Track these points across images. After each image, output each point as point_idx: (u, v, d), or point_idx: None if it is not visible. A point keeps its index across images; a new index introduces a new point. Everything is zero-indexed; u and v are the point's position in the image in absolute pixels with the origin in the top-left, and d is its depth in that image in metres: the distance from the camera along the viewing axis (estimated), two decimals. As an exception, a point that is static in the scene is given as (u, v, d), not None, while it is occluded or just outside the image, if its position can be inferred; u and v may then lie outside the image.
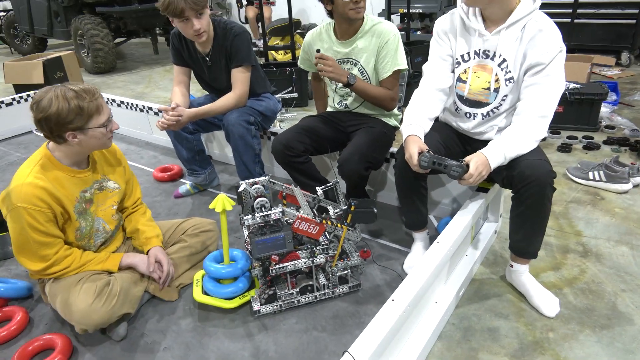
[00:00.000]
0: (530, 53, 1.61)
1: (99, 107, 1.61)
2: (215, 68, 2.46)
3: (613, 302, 1.75)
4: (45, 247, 1.63)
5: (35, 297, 1.98)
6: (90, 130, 1.60)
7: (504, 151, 1.61)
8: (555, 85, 1.61)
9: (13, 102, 4.13)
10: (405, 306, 1.37)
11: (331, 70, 2.07)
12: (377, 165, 2.19)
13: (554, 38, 1.58)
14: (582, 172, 2.66)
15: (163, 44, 7.86)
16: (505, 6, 1.62)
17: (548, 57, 1.57)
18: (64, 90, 1.54)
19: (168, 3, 2.11)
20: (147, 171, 3.21)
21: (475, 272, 1.96)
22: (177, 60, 2.52)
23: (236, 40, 2.35)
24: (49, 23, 7.00)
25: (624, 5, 4.78)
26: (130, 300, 1.74)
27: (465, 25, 1.74)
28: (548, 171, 1.58)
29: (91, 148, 1.69)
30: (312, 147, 2.25)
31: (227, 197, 1.70)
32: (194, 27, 2.19)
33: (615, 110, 3.66)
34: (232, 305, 1.80)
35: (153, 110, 3.57)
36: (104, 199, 1.82)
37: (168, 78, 6.10)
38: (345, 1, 1.99)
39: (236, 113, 2.36)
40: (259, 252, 1.70)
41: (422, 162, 1.64)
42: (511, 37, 1.64)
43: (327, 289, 1.83)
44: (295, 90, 4.21)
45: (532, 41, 1.60)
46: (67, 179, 1.67)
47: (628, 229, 2.20)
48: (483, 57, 1.72)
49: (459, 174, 1.59)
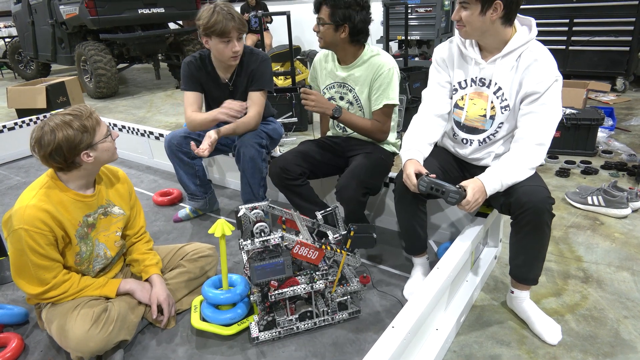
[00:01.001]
0: (525, 82, 1.64)
1: (97, 119, 1.66)
2: (236, 92, 2.48)
3: (616, 329, 1.73)
4: (44, 271, 1.62)
5: (31, 323, 1.96)
6: (99, 144, 1.63)
7: (501, 178, 1.62)
8: (552, 114, 1.63)
9: (15, 127, 4.16)
10: (406, 333, 1.35)
11: (314, 104, 2.13)
12: (375, 190, 2.20)
13: (549, 67, 1.61)
14: (581, 197, 2.67)
15: (165, 70, 7.97)
16: (500, 36, 1.65)
17: (543, 86, 1.60)
18: (58, 118, 1.57)
19: (214, 22, 2.17)
20: (147, 195, 3.22)
21: (476, 298, 1.95)
22: (191, 86, 2.47)
23: (262, 65, 2.41)
24: (53, 49, 7.13)
25: (618, 32, 4.88)
26: (127, 327, 1.71)
27: (463, 54, 1.78)
28: (545, 197, 1.59)
29: (103, 163, 1.71)
30: (309, 171, 2.27)
31: (226, 221, 1.70)
32: (234, 49, 2.24)
33: (612, 135, 3.69)
34: (231, 332, 1.78)
35: (154, 134, 3.60)
36: (107, 225, 1.81)
37: (169, 103, 6.17)
38: None
39: (250, 135, 2.40)
40: (257, 277, 1.68)
41: (421, 186, 1.65)
42: (506, 66, 1.67)
43: (326, 315, 1.81)
44: (295, 115, 4.26)
45: (527, 70, 1.63)
46: (72, 202, 1.67)
47: (628, 255, 2.20)
48: (479, 84, 1.75)
49: (456, 200, 1.60)
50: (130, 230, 1.96)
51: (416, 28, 6.13)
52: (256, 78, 2.41)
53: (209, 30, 2.20)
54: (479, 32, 1.65)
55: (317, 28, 2.11)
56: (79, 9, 6.12)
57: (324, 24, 2.08)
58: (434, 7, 5.95)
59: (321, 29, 2.10)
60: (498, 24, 1.61)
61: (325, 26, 2.08)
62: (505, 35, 1.65)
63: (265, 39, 6.67)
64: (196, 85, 2.47)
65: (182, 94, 2.61)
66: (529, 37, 1.64)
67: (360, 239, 1.75)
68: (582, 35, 5.08)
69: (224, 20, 2.16)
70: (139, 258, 1.92)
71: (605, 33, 4.95)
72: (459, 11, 1.65)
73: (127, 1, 6.38)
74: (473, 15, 1.60)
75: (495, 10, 1.57)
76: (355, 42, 2.13)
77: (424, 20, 6.08)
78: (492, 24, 1.61)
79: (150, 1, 6.56)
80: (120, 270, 1.96)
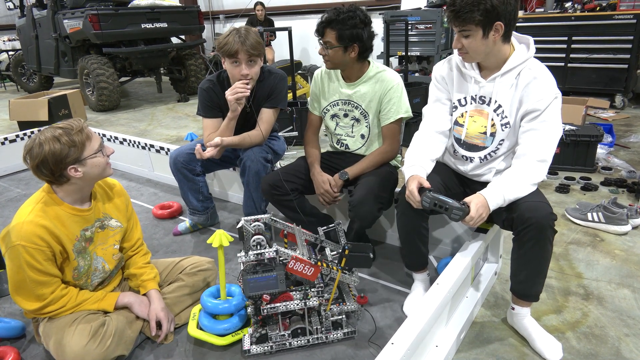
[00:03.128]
0: (525, 100, 1.65)
1: (88, 134, 1.64)
2: (252, 113, 2.46)
3: (617, 348, 1.72)
4: (42, 286, 1.61)
5: (28, 337, 1.94)
6: (89, 159, 1.61)
7: (503, 193, 1.62)
8: (553, 131, 1.64)
9: (17, 139, 4.18)
10: (405, 350, 1.34)
11: (328, 194, 2.19)
12: (388, 205, 2.20)
13: (549, 85, 1.63)
14: (581, 213, 2.67)
15: (167, 83, 8.03)
16: (500, 55, 1.67)
17: (543, 103, 1.61)
18: (49, 131, 1.58)
19: (225, 42, 2.20)
20: (147, 208, 3.22)
21: (476, 315, 1.93)
22: (209, 113, 2.46)
23: (280, 83, 2.44)
24: (56, 62, 7.19)
25: (616, 50, 4.93)
26: (124, 341, 1.70)
27: (462, 72, 1.79)
28: (548, 213, 1.59)
29: (93, 178, 1.68)
30: (302, 187, 2.28)
31: (225, 233, 1.70)
32: (242, 72, 2.24)
33: (611, 152, 3.70)
34: (224, 342, 1.77)
35: (155, 147, 3.61)
36: (105, 238, 1.81)
37: (170, 116, 6.20)
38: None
39: (256, 149, 2.41)
40: (250, 290, 1.68)
41: (424, 202, 1.64)
42: (506, 84, 1.68)
43: (320, 334, 1.79)
44: (296, 129, 4.28)
45: (526, 88, 1.65)
46: (69, 217, 1.67)
47: (629, 272, 2.19)
48: (479, 102, 1.76)
49: (460, 217, 1.60)
50: (127, 242, 1.95)
51: (416, 44, 6.20)
52: (272, 95, 2.43)
53: (220, 50, 2.24)
54: (483, 55, 1.67)
55: (323, 51, 2.11)
56: (83, 23, 6.19)
57: (331, 47, 2.08)
58: (434, 24, 6.02)
59: (329, 53, 2.09)
60: (499, 43, 1.63)
61: (333, 49, 2.08)
62: (504, 53, 1.67)
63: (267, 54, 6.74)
64: (215, 112, 2.47)
65: (183, 107, 2.63)
66: (528, 55, 1.66)
67: (355, 258, 1.73)
68: (581, 53, 5.13)
69: (233, 42, 2.18)
70: (136, 272, 1.91)
71: (604, 51, 5.00)
72: (459, 40, 1.65)
73: (131, 16, 6.45)
74: (475, 40, 1.61)
75: (497, 32, 1.59)
76: (363, 59, 2.15)
77: (424, 37, 6.15)
78: (494, 45, 1.63)
79: (154, 16, 6.63)
80: (119, 284, 1.95)
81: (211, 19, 10.03)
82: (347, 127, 2.31)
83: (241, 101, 2.28)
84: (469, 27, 1.59)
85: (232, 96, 2.24)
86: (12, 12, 9.84)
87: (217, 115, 2.47)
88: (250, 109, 2.44)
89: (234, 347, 1.80)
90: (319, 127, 2.45)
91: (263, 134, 2.42)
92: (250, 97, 2.40)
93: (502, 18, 1.57)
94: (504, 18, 1.57)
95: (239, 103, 2.28)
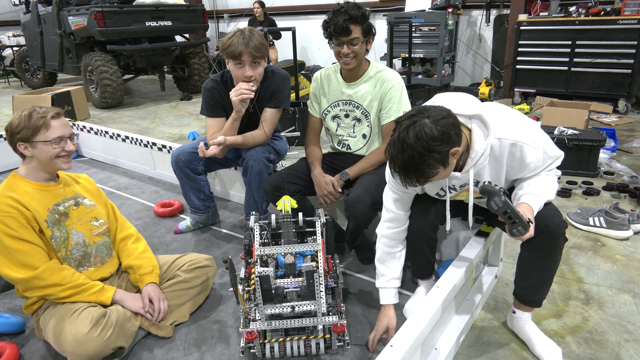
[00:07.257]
0: (512, 173, 1.58)
1: (47, 123, 1.71)
2: (255, 113, 2.46)
3: (617, 353, 1.71)
4: (24, 255, 1.65)
5: (27, 333, 1.94)
6: (39, 144, 1.70)
7: (541, 200, 1.56)
8: (551, 174, 1.61)
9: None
10: (404, 352, 1.34)
11: (330, 196, 2.19)
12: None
13: (530, 152, 1.51)
14: (583, 218, 2.66)
15: (170, 81, 8.04)
16: (465, 155, 1.54)
17: (533, 167, 1.55)
18: (27, 108, 1.72)
19: (229, 44, 2.19)
20: (148, 206, 3.22)
21: (476, 318, 1.93)
22: (213, 112, 2.46)
23: (283, 84, 2.44)
24: (60, 59, 7.21)
25: (620, 55, 4.92)
26: (125, 333, 1.72)
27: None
28: (561, 221, 1.57)
29: (44, 164, 1.75)
30: (305, 188, 2.28)
31: (291, 198, 1.79)
32: (245, 73, 2.24)
33: (614, 157, 3.70)
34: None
35: (157, 145, 3.61)
36: (80, 215, 1.86)
37: (173, 114, 6.21)
38: (335, 52, 2.11)
39: (259, 149, 2.41)
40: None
41: (494, 204, 1.41)
42: (482, 168, 1.56)
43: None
44: (298, 129, 4.28)
45: (509, 162, 1.55)
46: (36, 192, 1.75)
47: (630, 277, 2.18)
48: (459, 188, 1.69)
49: (521, 234, 1.43)
50: (120, 233, 2.01)
51: (420, 46, 6.19)
52: (276, 95, 2.43)
53: (224, 52, 2.24)
54: (452, 177, 1.56)
55: (348, 49, 2.06)
56: (88, 20, 6.20)
57: (357, 43, 2.07)
58: (438, 26, 6.02)
59: (356, 49, 2.08)
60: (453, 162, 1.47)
61: (359, 45, 2.08)
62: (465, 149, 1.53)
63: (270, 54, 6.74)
64: (219, 111, 2.47)
65: (186, 106, 2.62)
66: (486, 144, 1.49)
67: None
68: (585, 57, 5.12)
69: (237, 44, 2.17)
70: (134, 264, 1.93)
71: (608, 55, 5.00)
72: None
73: (135, 14, 6.46)
74: (446, 171, 1.47)
75: (454, 155, 1.43)
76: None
77: (427, 39, 6.15)
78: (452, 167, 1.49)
79: (158, 14, 6.64)
80: (117, 273, 1.97)
81: (215, 18, 10.04)
82: (348, 127, 2.31)
83: (245, 102, 2.28)
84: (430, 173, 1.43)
85: (236, 97, 2.24)
86: (17, 8, 9.88)
87: (221, 115, 2.47)
88: (253, 109, 2.43)
89: (233, 346, 1.80)
90: (320, 129, 2.45)
91: (266, 134, 2.42)
92: (254, 97, 2.40)
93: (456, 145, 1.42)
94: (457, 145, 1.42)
95: (243, 104, 2.28)
